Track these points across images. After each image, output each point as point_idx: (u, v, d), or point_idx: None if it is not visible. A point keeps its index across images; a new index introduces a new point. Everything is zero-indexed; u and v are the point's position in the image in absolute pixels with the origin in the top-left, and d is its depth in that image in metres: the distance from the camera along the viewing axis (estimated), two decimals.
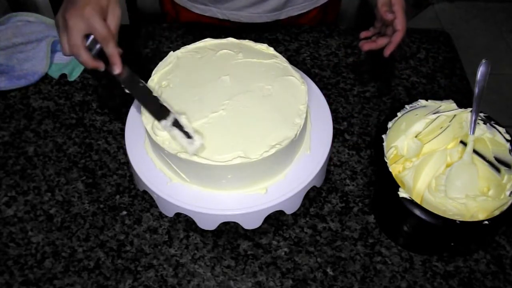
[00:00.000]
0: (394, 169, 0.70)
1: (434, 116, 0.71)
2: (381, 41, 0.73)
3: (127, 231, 0.69)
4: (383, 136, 0.67)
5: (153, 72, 0.69)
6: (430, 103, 0.71)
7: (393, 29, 0.71)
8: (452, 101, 0.71)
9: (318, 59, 0.92)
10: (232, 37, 0.73)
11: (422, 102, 0.70)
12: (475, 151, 0.69)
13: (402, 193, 0.61)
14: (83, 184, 0.74)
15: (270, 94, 0.66)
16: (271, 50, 0.72)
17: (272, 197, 0.64)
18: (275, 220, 0.70)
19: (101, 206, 0.72)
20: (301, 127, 0.63)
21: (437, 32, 0.99)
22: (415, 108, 0.70)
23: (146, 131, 0.64)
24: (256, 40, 0.73)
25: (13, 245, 0.68)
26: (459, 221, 0.59)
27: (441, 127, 0.71)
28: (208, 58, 0.71)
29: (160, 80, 0.68)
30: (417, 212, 0.60)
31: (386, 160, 0.64)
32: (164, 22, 1.02)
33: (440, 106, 0.71)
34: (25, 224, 0.70)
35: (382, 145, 0.66)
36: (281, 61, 0.70)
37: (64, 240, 0.69)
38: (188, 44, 0.72)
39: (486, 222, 0.58)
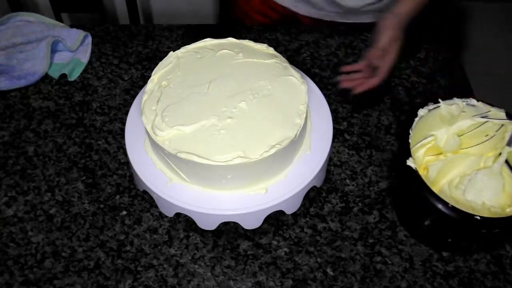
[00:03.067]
0: (427, 157, 0.70)
1: (482, 120, 0.69)
2: (362, 86, 0.76)
3: (127, 231, 0.69)
4: (420, 111, 0.67)
5: (153, 72, 0.69)
6: (480, 104, 0.69)
7: (373, 73, 0.74)
8: (502, 110, 0.69)
9: (318, 59, 0.92)
10: (232, 37, 0.73)
11: (473, 101, 0.69)
12: (509, 166, 0.68)
13: (410, 162, 0.62)
14: (83, 184, 0.74)
15: (270, 94, 0.66)
16: (271, 50, 0.72)
17: (272, 197, 0.64)
18: (275, 220, 0.70)
19: (101, 206, 0.72)
20: (301, 127, 0.63)
21: (437, 32, 0.99)
22: (466, 104, 0.69)
23: (146, 131, 0.64)
24: (256, 40, 0.73)
25: (13, 245, 0.68)
26: (451, 205, 0.59)
27: (487, 135, 0.70)
28: (208, 58, 0.71)
29: (160, 80, 0.68)
30: (416, 185, 0.61)
31: (410, 132, 0.65)
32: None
33: (489, 111, 0.69)
34: (25, 224, 0.70)
35: (414, 119, 0.66)
36: (281, 61, 0.70)
37: (64, 240, 0.69)
38: (188, 44, 0.72)
39: (478, 217, 0.58)
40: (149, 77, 0.69)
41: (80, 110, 0.84)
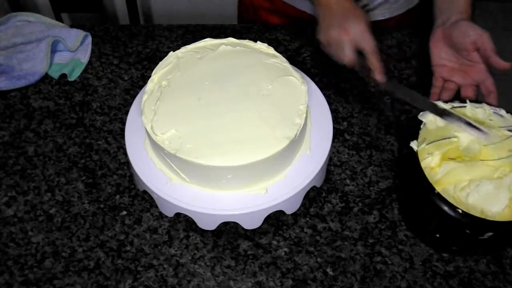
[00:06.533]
0: (442, 152, 0.69)
1: (508, 133, 0.67)
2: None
3: (127, 231, 0.69)
4: (443, 104, 0.67)
5: (153, 72, 0.69)
6: (508, 116, 0.68)
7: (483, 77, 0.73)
8: None
9: (318, 59, 0.92)
10: (232, 37, 0.73)
11: (502, 111, 0.68)
12: None
13: (413, 144, 0.63)
14: (83, 184, 0.74)
15: (270, 94, 0.66)
16: (271, 50, 0.72)
17: (272, 197, 0.63)
18: (275, 220, 0.70)
19: (101, 206, 0.72)
20: (301, 127, 0.63)
21: None
22: (493, 112, 0.68)
23: (146, 131, 0.64)
24: (256, 40, 0.73)
25: (13, 245, 0.68)
26: (462, 211, 0.58)
27: (510, 150, 0.66)
28: (208, 58, 0.71)
29: (160, 80, 0.68)
30: (415, 168, 0.61)
31: (422, 119, 0.66)
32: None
33: None
34: (25, 224, 0.70)
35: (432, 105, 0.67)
36: (281, 61, 0.70)
37: (64, 240, 0.69)
38: (188, 44, 0.72)
39: (459, 210, 0.57)
40: (149, 77, 0.69)
41: (80, 110, 0.84)
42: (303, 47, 0.94)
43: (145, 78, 0.88)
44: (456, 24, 0.73)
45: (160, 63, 0.70)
